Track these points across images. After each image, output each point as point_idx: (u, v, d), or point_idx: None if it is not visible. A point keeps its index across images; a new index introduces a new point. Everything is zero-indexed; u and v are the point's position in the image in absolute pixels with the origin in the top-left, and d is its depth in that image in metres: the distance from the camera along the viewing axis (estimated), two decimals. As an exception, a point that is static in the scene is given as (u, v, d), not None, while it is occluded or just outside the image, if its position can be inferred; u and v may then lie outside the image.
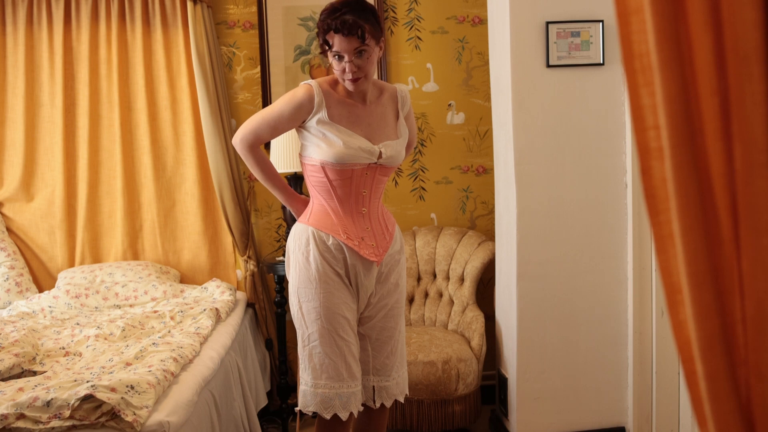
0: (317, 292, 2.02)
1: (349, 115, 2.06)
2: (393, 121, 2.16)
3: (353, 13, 1.95)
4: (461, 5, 3.62)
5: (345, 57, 1.97)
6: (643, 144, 0.88)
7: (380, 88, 2.16)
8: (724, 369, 0.84)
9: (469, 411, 3.03)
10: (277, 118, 2.05)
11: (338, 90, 2.09)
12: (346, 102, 2.08)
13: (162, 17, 3.40)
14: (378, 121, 2.11)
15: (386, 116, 2.14)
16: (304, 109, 2.03)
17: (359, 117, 2.08)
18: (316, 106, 2.02)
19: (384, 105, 2.14)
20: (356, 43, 1.95)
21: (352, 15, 1.94)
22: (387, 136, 2.11)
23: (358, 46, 1.96)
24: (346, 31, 1.93)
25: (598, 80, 2.79)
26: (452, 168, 3.66)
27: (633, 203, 2.79)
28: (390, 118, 2.15)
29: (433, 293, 3.41)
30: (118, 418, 1.82)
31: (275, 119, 2.05)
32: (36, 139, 3.43)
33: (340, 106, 2.07)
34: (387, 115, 2.15)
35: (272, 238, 3.63)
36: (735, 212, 0.83)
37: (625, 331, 2.84)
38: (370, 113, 2.10)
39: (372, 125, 2.09)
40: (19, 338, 2.42)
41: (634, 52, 0.87)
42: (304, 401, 2.05)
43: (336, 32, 1.94)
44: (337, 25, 1.93)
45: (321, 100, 2.03)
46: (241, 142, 2.10)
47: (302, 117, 2.04)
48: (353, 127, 2.05)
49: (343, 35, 1.94)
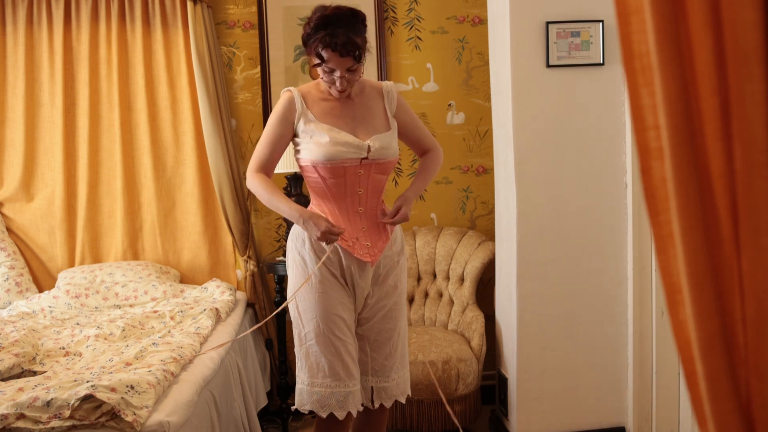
0: (313, 291, 2.02)
1: (332, 110, 2.07)
2: (382, 114, 2.14)
3: (348, 30, 1.94)
4: (461, 5, 3.62)
5: (338, 73, 1.98)
6: (643, 144, 0.88)
7: (360, 83, 2.14)
8: (724, 369, 0.84)
9: (469, 411, 3.03)
10: (270, 134, 2.07)
11: (319, 88, 2.10)
12: (327, 98, 2.09)
13: (162, 17, 3.40)
14: (364, 115, 2.10)
15: (372, 109, 2.13)
16: (288, 116, 2.05)
17: (342, 111, 2.08)
18: (299, 109, 2.04)
19: (368, 98, 2.13)
20: (350, 63, 1.96)
21: (347, 32, 1.93)
22: (375, 129, 2.10)
23: (351, 65, 1.96)
24: (343, 51, 1.93)
25: (598, 80, 2.79)
26: (452, 168, 3.66)
27: (633, 203, 2.79)
28: (378, 111, 2.14)
29: (433, 293, 3.41)
30: (118, 418, 1.82)
31: (268, 136, 2.07)
32: (36, 139, 3.43)
33: (322, 103, 2.08)
34: (373, 108, 2.13)
35: (272, 238, 3.63)
36: (735, 212, 0.83)
37: (625, 331, 2.84)
38: (354, 106, 2.10)
39: (357, 118, 2.09)
40: (19, 338, 2.42)
41: (634, 52, 0.87)
42: (300, 400, 2.06)
43: (333, 50, 1.93)
44: (335, 45, 1.92)
45: (301, 102, 2.04)
46: (248, 174, 2.08)
47: (291, 123, 2.06)
48: (337, 122, 2.06)
49: (340, 55, 1.94)
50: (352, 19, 1.96)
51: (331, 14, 1.94)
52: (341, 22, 1.94)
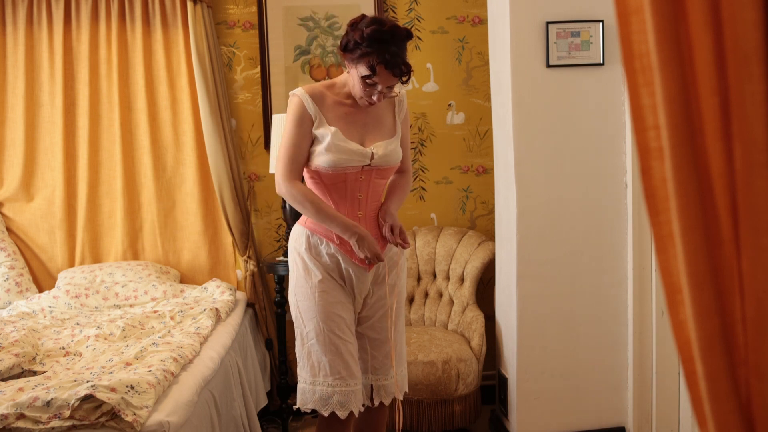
0: (313, 291, 2.03)
1: (345, 116, 2.06)
2: (390, 121, 2.15)
3: (403, 49, 1.94)
4: (461, 5, 3.62)
5: (379, 87, 1.97)
6: (643, 144, 0.88)
7: None
8: (724, 369, 0.84)
9: (469, 411, 3.03)
10: (293, 137, 2.02)
11: (334, 91, 2.08)
12: (343, 103, 2.07)
13: (162, 17, 3.40)
14: (374, 122, 2.11)
15: (383, 117, 2.14)
16: (306, 118, 2.02)
17: (356, 118, 2.08)
18: (312, 113, 2.02)
19: (381, 106, 2.14)
20: (396, 81, 1.97)
21: (403, 52, 1.93)
22: (381, 136, 2.10)
23: (395, 83, 1.97)
24: (397, 72, 1.93)
25: (598, 80, 2.79)
26: (452, 168, 3.66)
27: (633, 203, 2.79)
28: (387, 118, 2.15)
29: (433, 293, 3.41)
30: (118, 418, 1.82)
31: (292, 139, 2.02)
32: (36, 139, 3.43)
33: (337, 107, 2.06)
34: (384, 115, 2.14)
35: (272, 238, 3.63)
36: (735, 212, 0.82)
37: (625, 332, 2.84)
38: (366, 114, 2.10)
39: (368, 125, 2.09)
40: (19, 338, 2.42)
41: (634, 52, 0.87)
42: (302, 399, 2.06)
43: (387, 68, 1.91)
44: (393, 65, 1.91)
45: (314, 107, 2.02)
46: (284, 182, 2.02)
47: (309, 125, 2.03)
48: (349, 128, 2.05)
49: (393, 75, 1.93)
50: (405, 40, 1.96)
51: (388, 31, 1.91)
52: (397, 41, 1.93)
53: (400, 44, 1.93)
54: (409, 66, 1.96)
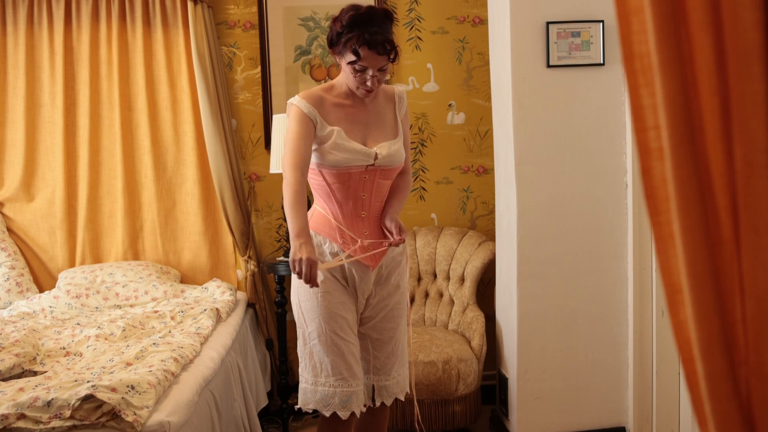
0: (315, 292, 2.03)
1: (346, 116, 2.06)
2: (392, 120, 2.15)
3: (384, 29, 1.93)
4: (461, 5, 3.62)
5: (370, 72, 1.96)
6: (643, 144, 0.88)
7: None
8: (725, 369, 0.84)
9: (470, 411, 3.03)
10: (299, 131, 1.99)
11: (332, 93, 2.08)
12: (343, 104, 2.07)
13: (162, 17, 3.40)
14: (376, 121, 2.11)
15: (384, 116, 2.13)
16: (309, 121, 2.01)
17: (357, 117, 2.07)
18: (313, 118, 2.01)
19: (381, 104, 2.13)
20: (384, 61, 1.95)
21: (384, 31, 1.93)
22: (385, 136, 2.10)
23: (384, 64, 1.96)
24: (381, 49, 1.92)
25: (598, 80, 2.79)
26: (452, 168, 3.66)
27: (633, 203, 2.79)
28: (388, 118, 2.14)
29: (433, 293, 3.41)
30: (118, 418, 1.83)
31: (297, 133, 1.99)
32: (36, 140, 3.43)
33: (336, 109, 2.06)
34: (385, 114, 2.14)
35: (272, 238, 3.63)
36: (735, 212, 0.83)
37: (625, 331, 2.84)
38: (368, 113, 2.10)
39: (370, 125, 2.09)
40: (20, 338, 2.42)
41: (634, 53, 0.87)
42: (304, 399, 2.06)
43: (370, 48, 1.91)
44: (373, 43, 1.90)
45: (313, 111, 2.01)
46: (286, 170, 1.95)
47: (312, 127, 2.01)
48: (351, 128, 2.05)
49: (377, 53, 1.92)
50: (385, 19, 1.95)
51: (365, 12, 1.93)
52: (376, 21, 1.93)
53: (380, 23, 1.93)
54: (393, 43, 1.94)
